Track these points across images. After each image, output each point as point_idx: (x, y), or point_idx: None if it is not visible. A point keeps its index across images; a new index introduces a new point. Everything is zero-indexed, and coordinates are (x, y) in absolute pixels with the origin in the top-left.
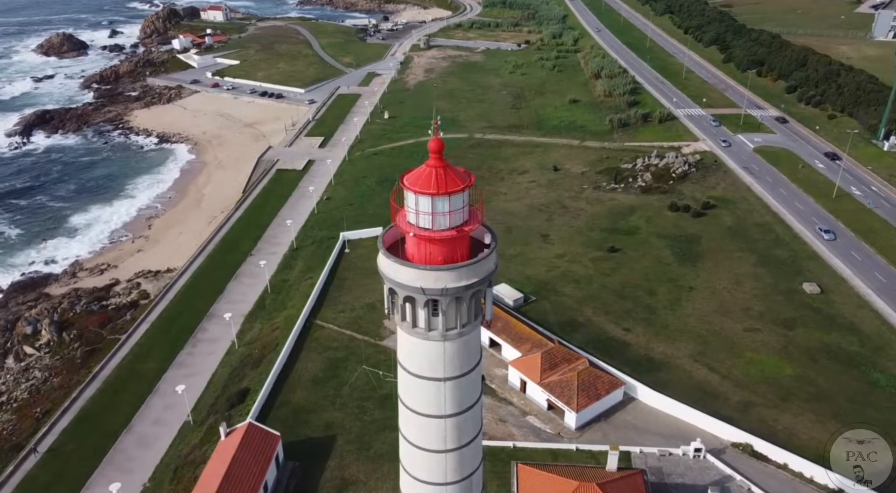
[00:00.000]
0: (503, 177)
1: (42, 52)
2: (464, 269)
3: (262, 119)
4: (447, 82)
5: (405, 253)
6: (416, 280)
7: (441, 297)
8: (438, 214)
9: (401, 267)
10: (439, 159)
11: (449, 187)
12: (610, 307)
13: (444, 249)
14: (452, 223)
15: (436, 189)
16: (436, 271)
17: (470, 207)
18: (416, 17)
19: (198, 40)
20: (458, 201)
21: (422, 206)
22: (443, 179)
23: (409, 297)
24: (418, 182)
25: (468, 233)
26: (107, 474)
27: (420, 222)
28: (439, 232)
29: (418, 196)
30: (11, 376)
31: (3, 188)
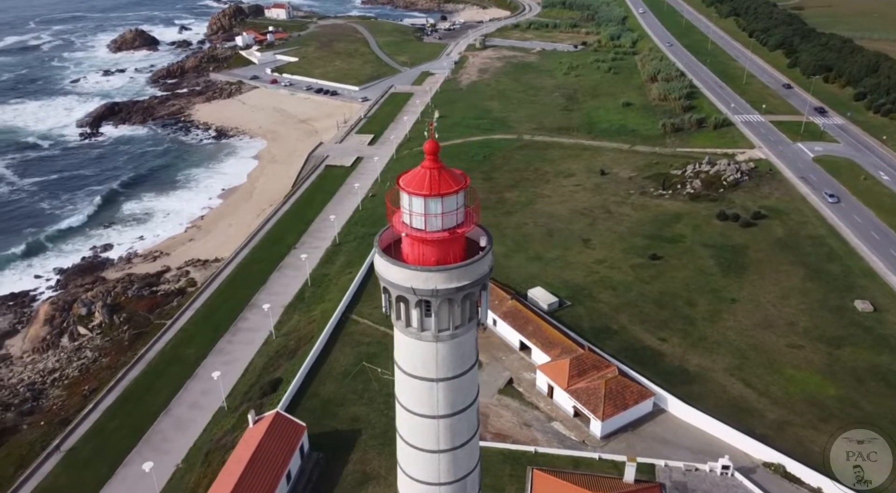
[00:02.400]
0: (548, 179)
1: (116, 48)
2: (455, 271)
3: (315, 115)
4: (500, 82)
5: (401, 253)
6: (407, 280)
7: (432, 298)
8: (431, 216)
9: (393, 267)
10: (434, 161)
11: (442, 189)
12: (647, 316)
13: (437, 250)
14: (445, 225)
15: (428, 190)
16: (426, 272)
17: (465, 209)
18: (475, 16)
19: (260, 37)
20: (451, 203)
21: (415, 207)
22: (436, 181)
23: (401, 296)
24: (412, 183)
25: (461, 235)
26: (143, 452)
27: (413, 223)
28: (431, 233)
29: (411, 197)
30: (65, 354)
31: (71, 176)
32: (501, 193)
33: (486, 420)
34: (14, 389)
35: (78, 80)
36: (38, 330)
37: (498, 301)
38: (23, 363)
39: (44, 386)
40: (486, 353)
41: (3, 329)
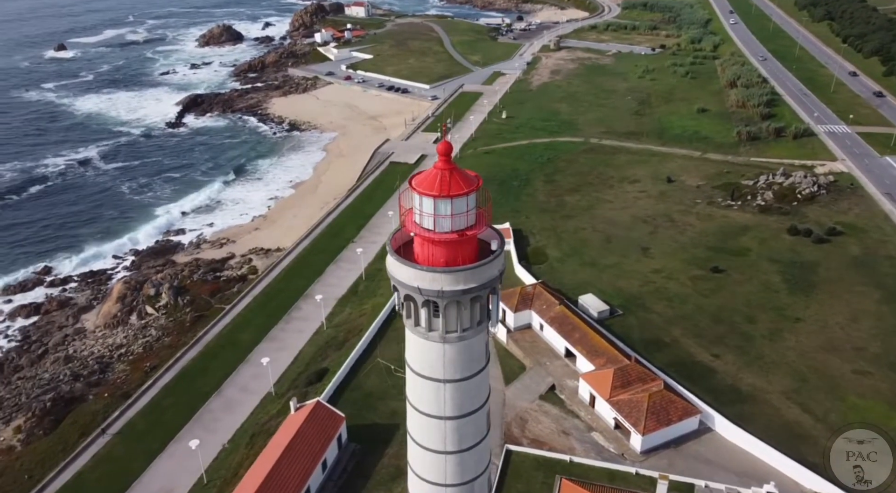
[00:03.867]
0: (612, 185)
1: (204, 42)
2: (462, 273)
3: (385, 112)
4: (571, 84)
5: (413, 253)
6: (413, 280)
7: (438, 299)
8: (440, 217)
9: (401, 265)
10: (447, 162)
11: (452, 191)
12: (701, 330)
13: (446, 251)
14: (455, 227)
15: (438, 191)
16: (432, 273)
17: (477, 212)
18: (552, 17)
19: (338, 34)
20: (460, 205)
21: (425, 207)
22: (447, 182)
23: (408, 295)
24: (423, 184)
25: (471, 237)
26: (193, 430)
27: (423, 223)
28: (440, 234)
29: (422, 197)
30: (133, 331)
31: (153, 163)
32: (562, 197)
33: (524, 425)
34: (85, 361)
35: (167, 72)
36: (110, 307)
37: (546, 306)
38: (95, 337)
39: (111, 360)
40: (531, 357)
41: (81, 304)
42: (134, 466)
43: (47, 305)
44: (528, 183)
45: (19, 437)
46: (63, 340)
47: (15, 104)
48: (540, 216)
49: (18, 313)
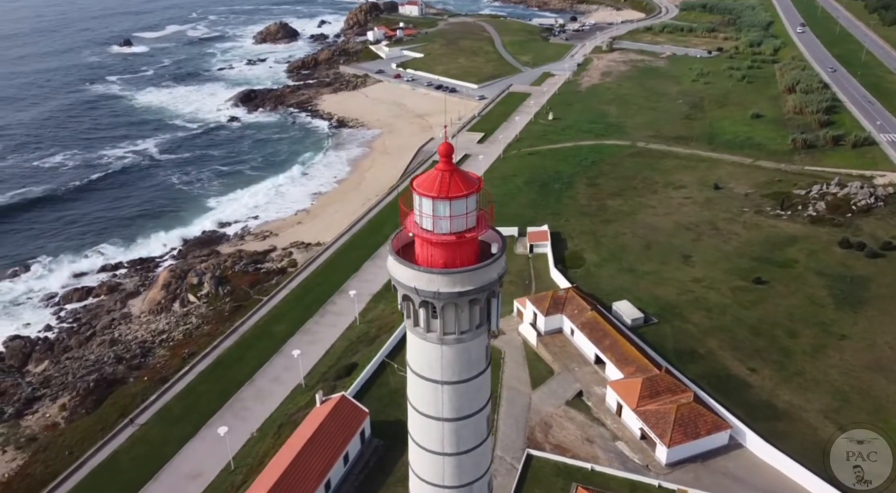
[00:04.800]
0: (657, 190)
1: (261, 39)
2: (458, 275)
3: (432, 111)
4: (621, 87)
5: (414, 254)
6: (411, 280)
7: (434, 300)
8: (439, 218)
9: (399, 265)
10: (447, 163)
11: (451, 192)
12: (739, 343)
13: (445, 252)
14: (454, 228)
15: (437, 192)
16: (429, 274)
17: (478, 214)
18: (606, 18)
19: (390, 33)
20: (459, 207)
21: (424, 208)
22: (446, 183)
23: (406, 295)
24: (423, 184)
25: (470, 240)
26: (225, 417)
27: (423, 224)
28: (438, 235)
29: (422, 198)
30: (175, 318)
31: (205, 155)
32: (604, 201)
33: (548, 430)
34: (128, 345)
35: (224, 68)
36: (155, 294)
37: (577, 311)
38: (139, 322)
39: (152, 345)
40: (560, 362)
41: (129, 290)
42: (166, 449)
43: (98, 289)
44: (570, 186)
45: (63, 414)
46: (110, 323)
47: (81, 97)
48: (580, 220)
49: (72, 295)
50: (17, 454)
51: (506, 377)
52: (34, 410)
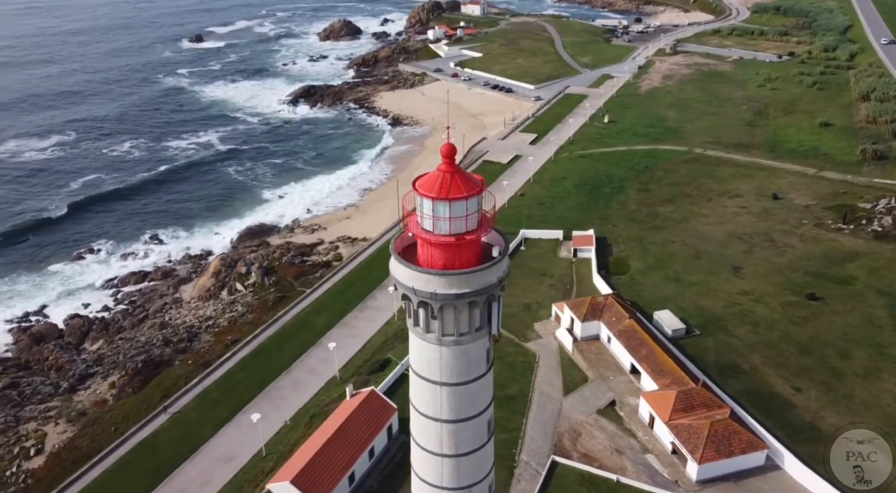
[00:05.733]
0: (711, 198)
1: (325, 36)
2: (455, 277)
3: (487, 111)
4: (682, 91)
5: (416, 254)
6: (409, 280)
7: (432, 301)
8: (439, 219)
9: (398, 264)
10: (450, 164)
11: (451, 193)
12: (785, 360)
13: (444, 254)
14: (453, 230)
15: (437, 193)
16: (427, 274)
17: (479, 216)
18: (673, 20)
19: (450, 32)
20: (459, 209)
21: (425, 208)
22: (447, 185)
23: (405, 295)
24: (425, 185)
25: (469, 242)
26: (260, 404)
27: (423, 224)
28: (437, 236)
29: (422, 199)
30: (221, 305)
31: (261, 148)
32: (654, 207)
33: (576, 438)
34: (177, 329)
35: (287, 63)
36: (206, 281)
37: (615, 318)
38: (189, 308)
39: (199, 330)
40: (594, 369)
41: (182, 276)
42: (203, 431)
43: (153, 274)
44: (620, 190)
45: (112, 392)
46: (162, 307)
47: (153, 90)
48: (628, 225)
49: (129, 279)
50: (68, 427)
51: (538, 382)
52: (87, 386)
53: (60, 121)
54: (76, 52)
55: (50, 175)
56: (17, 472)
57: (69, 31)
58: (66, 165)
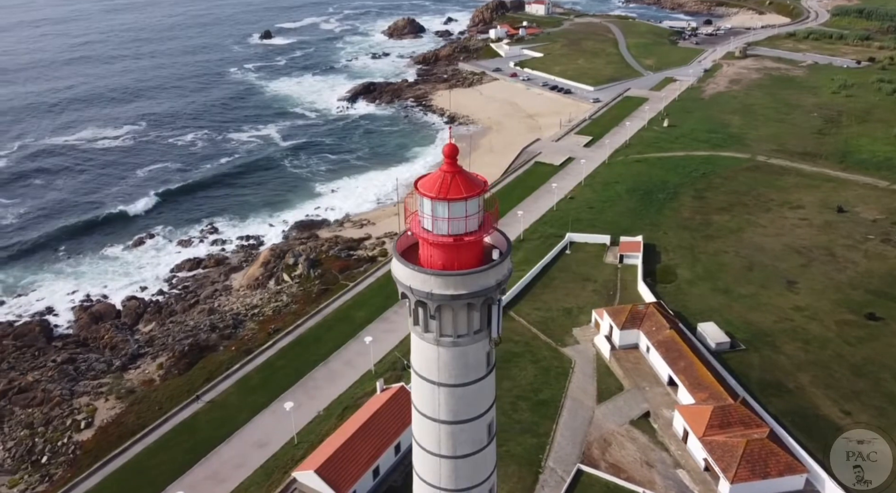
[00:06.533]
0: (770, 208)
1: (388, 34)
2: (452, 278)
3: (543, 111)
4: (749, 96)
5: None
6: (407, 279)
7: (428, 301)
8: (438, 219)
9: (398, 263)
10: (452, 165)
11: (450, 194)
12: (836, 382)
13: (444, 254)
14: (452, 230)
15: (436, 193)
16: (424, 274)
17: (479, 217)
18: (745, 22)
19: (512, 31)
20: (458, 209)
21: (425, 208)
22: (447, 185)
23: (404, 294)
24: (426, 184)
25: (468, 243)
26: (296, 393)
27: (423, 224)
28: (436, 236)
29: (422, 198)
30: (268, 294)
31: (318, 143)
32: (709, 215)
33: (606, 448)
34: (224, 315)
35: (350, 60)
36: (255, 270)
37: (655, 328)
38: (237, 296)
39: (244, 318)
40: (631, 379)
41: (233, 264)
42: (240, 416)
43: (207, 261)
44: (674, 197)
45: (160, 373)
46: (212, 294)
47: (219, 83)
48: (679, 233)
49: (184, 265)
50: (117, 404)
51: (572, 388)
52: (137, 365)
53: (134, 112)
54: (156, 49)
55: (118, 163)
56: (67, 443)
57: (151, 27)
58: (134, 154)
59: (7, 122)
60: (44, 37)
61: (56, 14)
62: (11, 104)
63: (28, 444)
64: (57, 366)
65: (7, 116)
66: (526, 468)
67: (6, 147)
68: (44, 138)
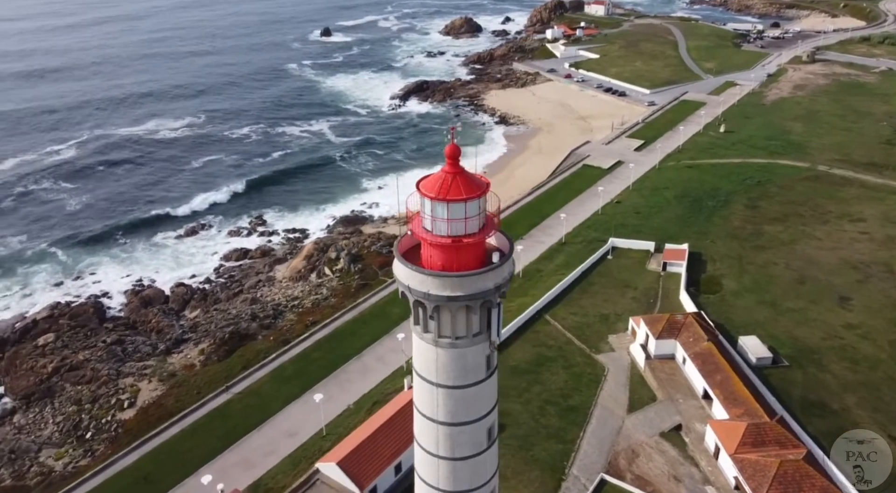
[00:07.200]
0: (827, 220)
1: (445, 33)
2: (448, 279)
3: (596, 114)
4: (814, 102)
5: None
6: (405, 278)
7: (425, 301)
8: (437, 219)
9: (397, 262)
10: (453, 165)
11: (449, 195)
12: (885, 405)
13: (443, 255)
14: (451, 232)
15: (435, 194)
16: (421, 274)
17: (480, 219)
18: (816, 25)
19: (569, 32)
20: (457, 210)
21: (425, 208)
22: (447, 186)
23: (403, 293)
24: (426, 184)
25: (467, 245)
26: (328, 386)
27: (424, 224)
28: (435, 237)
29: (423, 198)
30: (309, 287)
31: (368, 140)
32: (761, 225)
33: (633, 459)
34: (265, 305)
35: (405, 58)
36: (298, 263)
37: (693, 339)
38: (279, 287)
39: (284, 309)
40: (664, 390)
41: (278, 256)
42: (273, 405)
43: (254, 252)
44: (725, 205)
45: (200, 358)
46: (256, 284)
47: (277, 79)
48: (728, 243)
49: (231, 255)
50: (159, 386)
51: (603, 396)
52: (180, 350)
53: (195, 107)
54: (222, 46)
55: (176, 156)
56: (111, 421)
57: (218, 24)
58: (191, 147)
59: (81, 115)
60: (121, 33)
61: (132, 10)
62: (85, 98)
63: (75, 420)
64: (106, 347)
65: (81, 110)
66: (549, 474)
67: (76, 138)
68: (110, 130)
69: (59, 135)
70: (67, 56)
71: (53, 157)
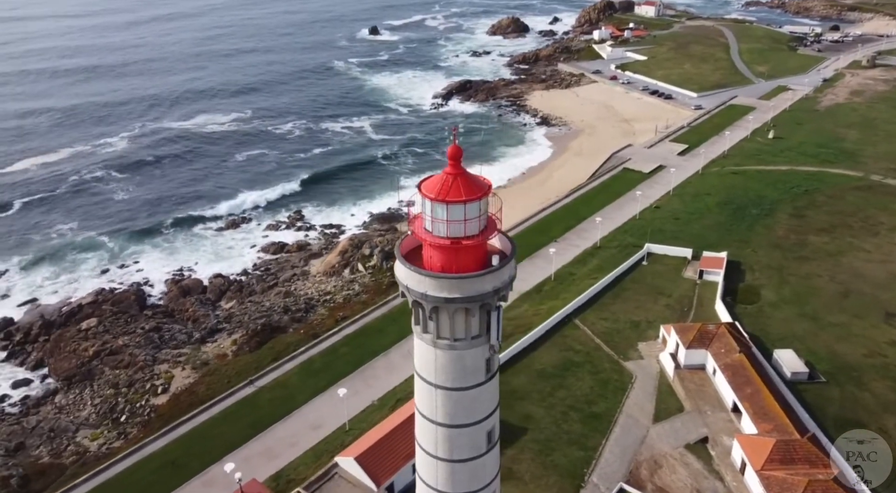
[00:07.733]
0: (878, 232)
1: (491, 32)
2: (446, 280)
3: (640, 116)
4: (872, 109)
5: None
6: (405, 277)
7: (423, 301)
8: (437, 220)
9: (398, 261)
10: (454, 167)
11: (449, 196)
12: None
13: (443, 256)
14: (450, 233)
15: (435, 194)
16: (420, 275)
17: (481, 221)
18: (879, 29)
19: (617, 33)
20: (457, 212)
21: (425, 208)
22: (447, 187)
23: (403, 293)
24: (428, 185)
25: (466, 246)
26: (353, 381)
27: (425, 224)
28: (434, 238)
29: (423, 198)
30: (341, 283)
31: (410, 139)
32: (806, 235)
33: (655, 470)
34: (298, 299)
35: (450, 57)
36: (332, 258)
37: (724, 350)
38: (313, 281)
39: (316, 303)
40: (693, 401)
41: (314, 251)
42: (299, 397)
43: (290, 246)
44: (769, 214)
45: (233, 348)
46: (290, 277)
47: (324, 76)
48: (769, 252)
49: (269, 248)
50: (192, 374)
51: (628, 404)
52: (214, 339)
53: (242, 104)
54: (272, 44)
55: (221, 151)
56: (144, 405)
57: (270, 23)
58: (236, 142)
59: (133, 109)
60: (176, 29)
61: (188, 7)
62: (138, 93)
63: (112, 402)
64: (145, 333)
65: (134, 104)
66: (568, 481)
67: (128, 131)
68: (160, 125)
69: (111, 129)
70: (124, 52)
71: (107, 149)
